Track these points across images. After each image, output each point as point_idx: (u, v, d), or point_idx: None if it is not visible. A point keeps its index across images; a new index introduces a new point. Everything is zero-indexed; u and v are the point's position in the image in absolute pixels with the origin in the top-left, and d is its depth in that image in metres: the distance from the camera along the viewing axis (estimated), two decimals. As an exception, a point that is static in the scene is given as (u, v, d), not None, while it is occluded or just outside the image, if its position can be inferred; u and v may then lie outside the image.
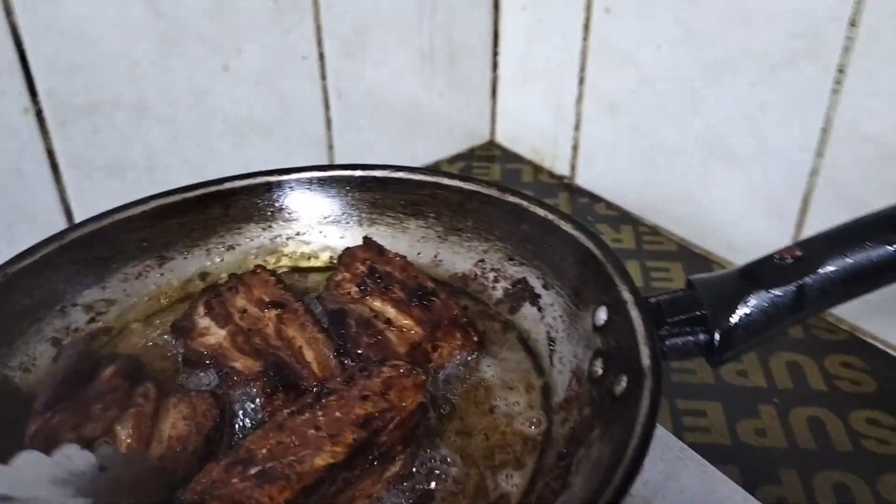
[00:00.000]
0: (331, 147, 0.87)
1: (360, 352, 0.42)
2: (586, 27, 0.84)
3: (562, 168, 0.94)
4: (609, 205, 0.89)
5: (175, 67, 0.72)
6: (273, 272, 0.49)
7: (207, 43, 0.73)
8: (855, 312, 0.71)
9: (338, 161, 0.88)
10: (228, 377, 0.41)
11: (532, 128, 0.96)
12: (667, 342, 0.38)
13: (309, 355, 0.42)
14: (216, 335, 0.44)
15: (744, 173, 0.75)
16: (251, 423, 0.40)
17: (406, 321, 0.44)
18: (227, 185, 0.51)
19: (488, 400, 0.43)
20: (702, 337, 0.38)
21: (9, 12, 0.62)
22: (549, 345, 0.45)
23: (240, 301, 0.46)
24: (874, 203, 0.40)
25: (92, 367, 0.41)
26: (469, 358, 0.44)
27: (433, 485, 0.37)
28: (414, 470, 0.37)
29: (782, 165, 0.72)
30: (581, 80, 0.87)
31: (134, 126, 0.72)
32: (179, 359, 0.45)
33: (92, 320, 0.46)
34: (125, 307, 0.48)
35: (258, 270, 0.49)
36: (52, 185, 0.69)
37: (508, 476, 0.38)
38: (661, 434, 0.50)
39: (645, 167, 0.84)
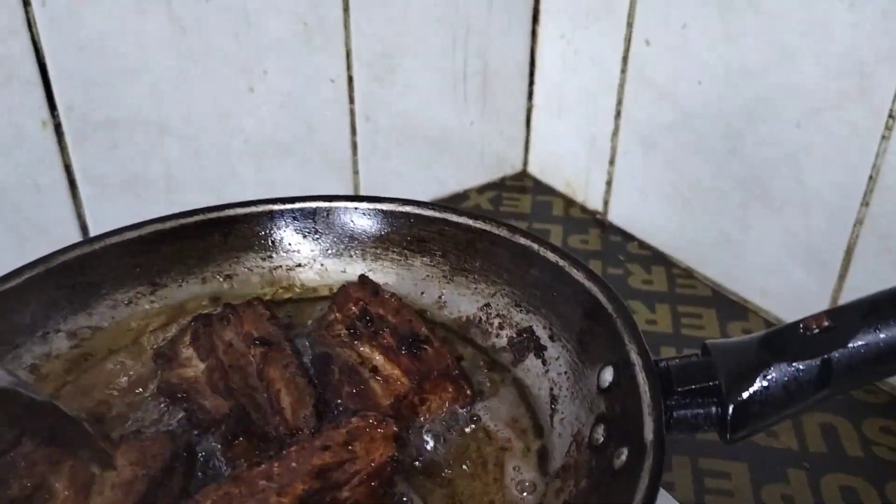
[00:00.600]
0: (356, 172, 0.85)
1: (339, 402, 0.39)
2: (625, 59, 0.81)
3: (595, 203, 0.90)
4: (642, 244, 0.85)
5: (198, 86, 0.71)
6: (268, 306, 0.47)
7: (233, 62, 0.72)
8: (899, 374, 0.66)
9: (362, 186, 0.86)
10: (195, 415, 0.39)
11: (566, 160, 0.93)
12: (675, 413, 0.34)
13: (285, 401, 0.39)
14: (195, 368, 0.42)
15: (783, 218, 0.71)
16: (220, 466, 0.38)
17: (393, 371, 0.41)
18: (227, 213, 0.49)
19: (479, 460, 0.40)
20: (714, 410, 0.34)
21: (30, 26, 0.61)
22: (552, 403, 0.41)
23: (228, 334, 0.44)
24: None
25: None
26: (462, 411, 0.41)
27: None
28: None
29: (825, 212, 0.67)
30: (618, 114, 0.83)
31: (154, 143, 0.71)
32: (153, 389, 0.43)
33: (75, 346, 0.45)
34: (112, 334, 0.46)
35: (254, 302, 0.47)
36: (69, 200, 0.69)
37: (493, 549, 0.35)
38: (663, 501, 0.46)
39: (680, 206, 0.80)
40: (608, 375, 0.38)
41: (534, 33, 0.90)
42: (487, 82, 0.90)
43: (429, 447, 0.40)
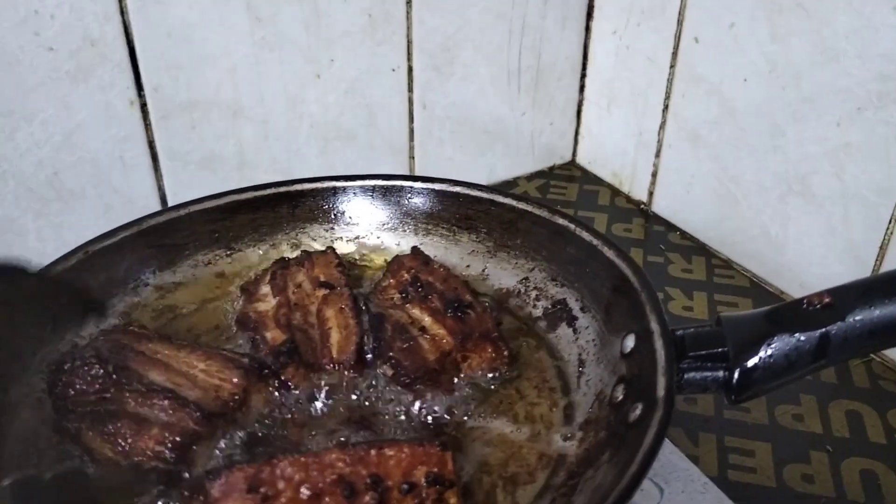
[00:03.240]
0: (412, 157, 0.90)
1: (391, 354, 0.44)
2: (674, 55, 0.84)
3: (639, 194, 0.93)
4: (684, 234, 0.88)
5: (270, 72, 0.77)
6: (338, 255, 0.52)
7: (302, 51, 0.78)
8: (929, 367, 0.68)
9: (417, 171, 0.91)
10: (256, 344, 0.45)
11: (613, 151, 0.96)
12: (685, 375, 0.38)
13: (333, 338, 0.45)
14: (268, 303, 0.48)
15: (822, 214, 0.73)
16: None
17: (439, 330, 0.46)
18: (296, 187, 0.55)
19: (512, 413, 0.44)
20: (720, 374, 0.38)
21: (122, 12, 0.68)
22: (579, 367, 0.46)
23: (300, 276, 0.50)
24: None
25: None
26: (500, 370, 0.46)
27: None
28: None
29: (862, 209, 0.70)
30: (665, 108, 0.86)
31: (229, 125, 0.77)
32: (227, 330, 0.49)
33: (160, 298, 0.51)
34: (192, 290, 0.52)
35: (328, 250, 0.53)
36: (151, 173, 0.75)
37: (519, 488, 0.40)
38: (686, 467, 0.50)
39: (722, 199, 0.83)
40: (630, 342, 0.42)
41: (587, 29, 0.93)
42: (540, 75, 0.94)
43: (468, 400, 0.44)
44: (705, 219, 0.86)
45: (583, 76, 0.96)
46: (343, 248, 0.56)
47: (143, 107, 0.72)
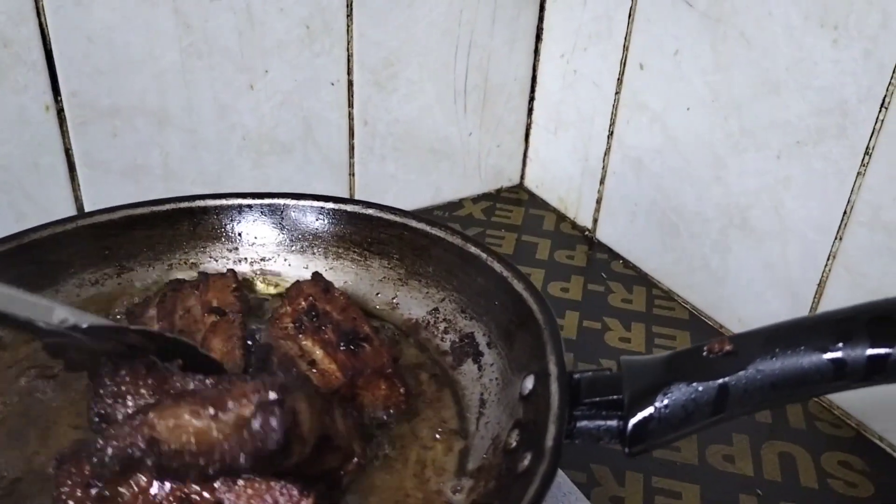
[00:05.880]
0: (352, 175, 0.88)
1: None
2: (619, 81, 0.82)
3: (584, 220, 0.91)
4: (626, 263, 0.86)
5: (200, 80, 0.74)
6: (238, 279, 0.49)
7: (235, 60, 0.75)
8: (864, 408, 0.66)
9: (357, 189, 0.88)
10: None
11: (560, 176, 0.94)
12: (578, 423, 0.36)
13: None
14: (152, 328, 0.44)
15: (762, 248, 0.72)
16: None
17: (330, 365, 0.43)
18: (198, 203, 0.52)
19: (403, 457, 0.41)
20: (614, 423, 0.35)
21: (39, 12, 0.64)
22: (480, 407, 0.43)
23: (191, 300, 0.47)
24: (890, 294, 0.37)
25: None
26: (395, 410, 0.43)
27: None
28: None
29: (801, 245, 0.68)
30: (610, 134, 0.85)
31: (154, 133, 0.74)
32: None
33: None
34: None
35: (227, 273, 0.49)
36: (67, 182, 0.72)
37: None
38: None
39: (665, 229, 0.81)
40: (529, 383, 0.39)
41: (536, 51, 0.91)
42: (488, 96, 0.91)
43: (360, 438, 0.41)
44: (648, 248, 0.84)
45: (531, 98, 0.94)
46: (246, 270, 0.53)
47: (60, 112, 0.69)
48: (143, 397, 0.34)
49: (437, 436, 0.42)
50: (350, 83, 0.83)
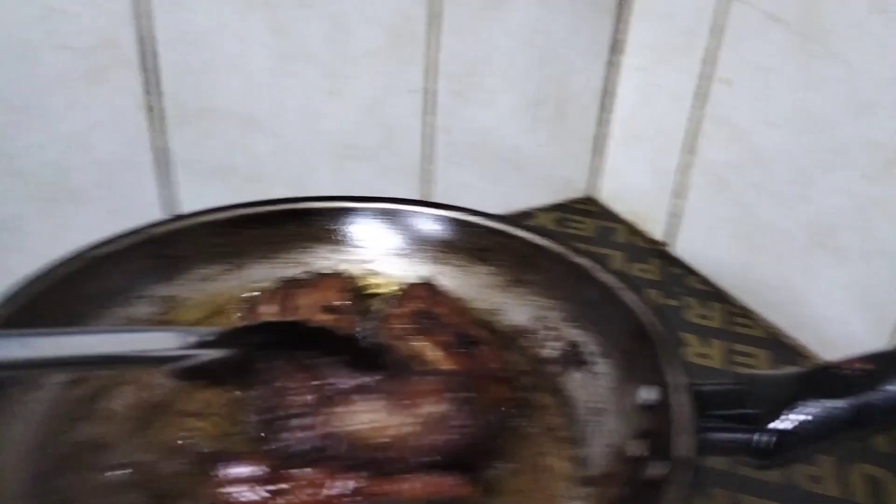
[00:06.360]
0: (428, 181, 0.88)
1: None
2: (702, 96, 0.82)
3: (658, 233, 0.91)
4: (702, 279, 0.86)
5: (288, 85, 0.75)
6: (350, 279, 0.50)
7: (321, 66, 0.76)
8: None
9: (435, 196, 0.89)
10: None
11: (633, 189, 0.94)
12: (708, 435, 0.36)
13: None
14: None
15: (848, 268, 0.71)
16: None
17: (444, 366, 0.43)
18: (305, 205, 0.53)
19: (520, 461, 0.41)
20: (747, 436, 0.35)
21: (141, 15, 0.66)
22: (592, 415, 0.43)
23: (305, 298, 0.48)
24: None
25: None
26: (505, 413, 0.43)
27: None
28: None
29: (888, 268, 0.67)
30: (690, 149, 0.84)
31: (242, 135, 0.76)
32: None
33: (158, 313, 0.48)
34: (189, 306, 0.50)
35: (337, 274, 0.50)
36: (158, 179, 0.73)
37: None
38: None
39: (745, 246, 0.81)
40: (649, 394, 0.39)
41: (613, 63, 0.92)
42: (562, 106, 0.92)
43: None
44: (726, 264, 0.83)
45: (606, 111, 0.95)
46: (350, 271, 0.54)
47: (156, 111, 0.71)
48: (303, 395, 0.35)
49: (551, 442, 0.42)
50: (431, 91, 0.83)
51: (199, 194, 0.75)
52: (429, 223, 0.53)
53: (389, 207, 0.53)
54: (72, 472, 0.39)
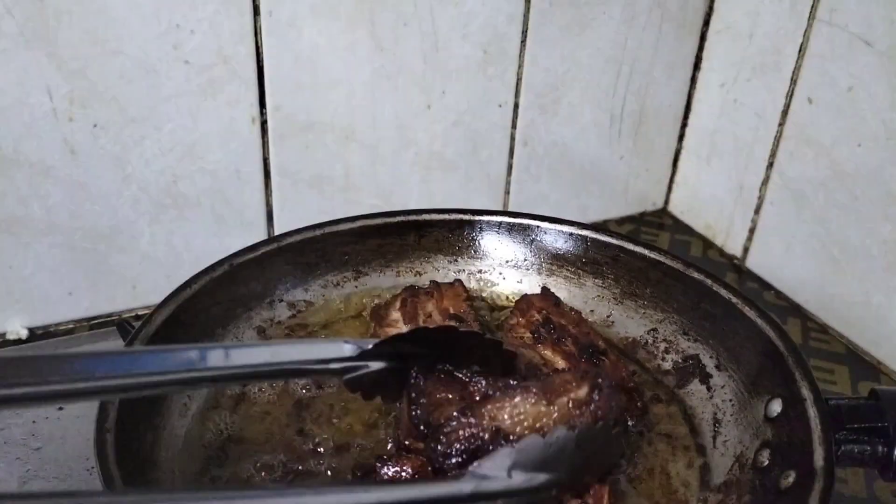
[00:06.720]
0: (507, 192, 0.91)
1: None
2: (784, 114, 0.83)
3: (733, 248, 0.92)
4: (778, 294, 0.87)
5: (385, 99, 0.78)
6: (466, 289, 0.52)
7: (417, 81, 0.79)
8: None
9: (511, 205, 0.92)
10: None
11: (709, 203, 0.96)
12: (842, 447, 0.38)
13: None
14: (399, 329, 0.48)
15: (932, 287, 0.72)
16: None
17: (574, 373, 0.46)
18: (425, 217, 0.55)
19: (645, 469, 0.44)
20: (880, 449, 0.37)
21: (256, 32, 0.70)
22: (715, 426, 0.45)
23: (430, 306, 0.50)
24: None
25: None
26: (630, 423, 0.46)
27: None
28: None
29: (978, 287, 0.68)
30: (770, 165, 0.86)
31: (340, 147, 0.79)
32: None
33: (293, 316, 0.52)
34: (320, 309, 0.53)
35: (456, 283, 0.53)
36: (262, 189, 0.77)
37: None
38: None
39: (823, 263, 0.82)
40: (776, 406, 0.41)
41: (693, 80, 0.93)
42: (642, 121, 0.94)
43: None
44: (803, 280, 0.85)
45: (684, 125, 0.96)
46: (465, 280, 0.56)
47: (264, 124, 0.74)
48: (454, 402, 0.38)
49: (675, 451, 0.45)
50: (516, 105, 0.86)
51: (296, 203, 0.78)
52: (541, 236, 0.55)
53: (503, 220, 0.56)
54: (224, 466, 0.42)
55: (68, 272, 0.71)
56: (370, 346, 0.39)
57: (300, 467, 0.42)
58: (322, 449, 0.43)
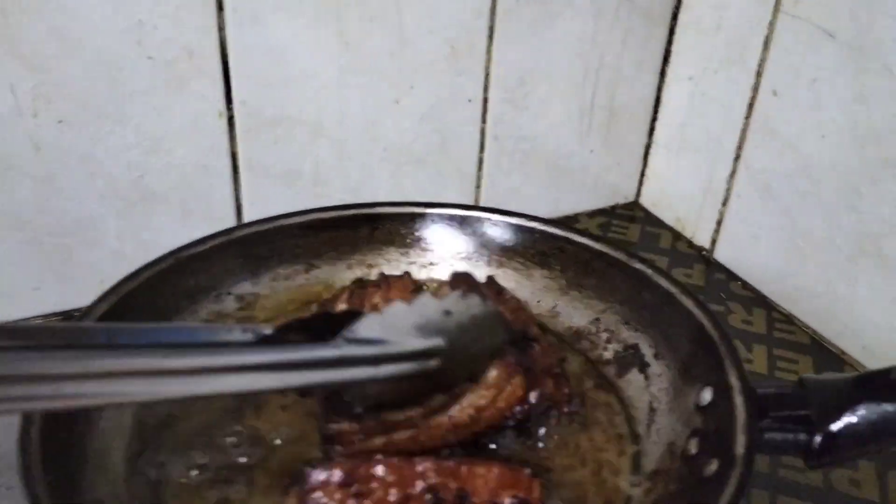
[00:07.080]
0: (478, 186, 0.92)
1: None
2: (750, 106, 0.84)
3: (702, 240, 0.93)
4: (745, 285, 0.88)
5: (352, 95, 0.79)
6: (415, 281, 0.53)
7: (385, 77, 0.80)
8: None
9: (483, 200, 0.92)
10: None
11: (678, 196, 0.96)
12: (765, 435, 0.38)
13: None
14: None
15: (893, 277, 0.72)
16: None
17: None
18: (377, 210, 0.56)
19: (579, 457, 0.44)
20: (802, 437, 0.38)
21: (221, 27, 0.70)
22: (650, 414, 0.46)
23: (376, 298, 0.51)
24: None
25: None
26: (564, 411, 0.46)
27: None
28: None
29: (936, 277, 0.69)
30: (737, 157, 0.86)
31: (309, 142, 0.79)
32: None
33: (240, 308, 0.52)
34: (269, 302, 0.53)
35: (404, 276, 0.54)
36: (230, 183, 0.78)
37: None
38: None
39: (789, 253, 0.82)
40: (707, 395, 0.42)
41: (663, 72, 0.94)
42: (612, 115, 0.94)
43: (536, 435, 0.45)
44: (769, 271, 0.85)
45: (654, 118, 0.97)
46: (416, 273, 0.57)
47: (231, 119, 0.75)
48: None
49: (609, 439, 0.45)
50: (485, 100, 0.87)
51: (266, 198, 0.79)
52: (491, 228, 0.56)
53: (454, 213, 0.57)
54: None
55: (35, 267, 0.72)
56: (269, 332, 0.37)
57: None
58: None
